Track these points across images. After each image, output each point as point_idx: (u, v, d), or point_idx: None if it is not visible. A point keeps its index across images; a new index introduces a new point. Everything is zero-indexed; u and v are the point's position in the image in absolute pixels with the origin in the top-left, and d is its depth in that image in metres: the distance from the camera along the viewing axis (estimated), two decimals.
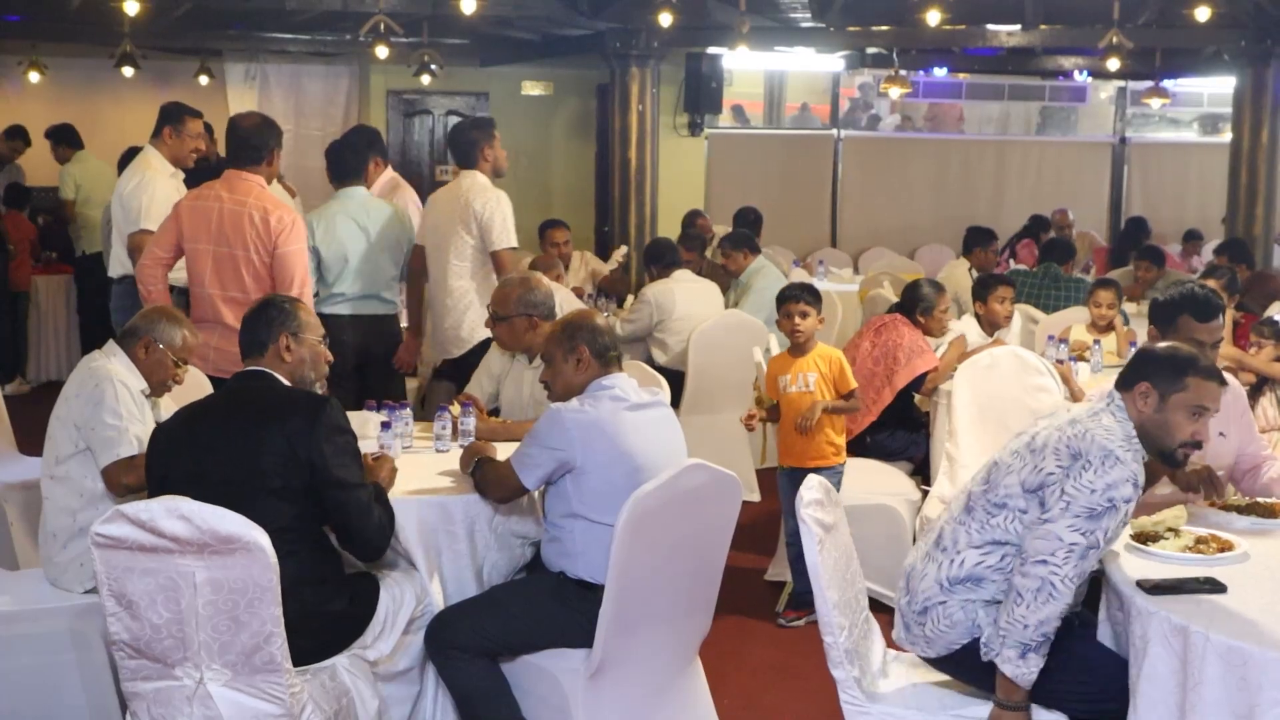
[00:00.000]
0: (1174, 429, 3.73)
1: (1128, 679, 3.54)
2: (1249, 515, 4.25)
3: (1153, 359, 3.82)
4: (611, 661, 4.15)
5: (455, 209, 6.71)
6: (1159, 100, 13.58)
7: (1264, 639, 3.24)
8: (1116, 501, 3.54)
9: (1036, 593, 3.54)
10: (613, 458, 4.22)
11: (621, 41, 11.68)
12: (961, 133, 17.59)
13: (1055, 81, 16.79)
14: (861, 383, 6.68)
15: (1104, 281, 8.05)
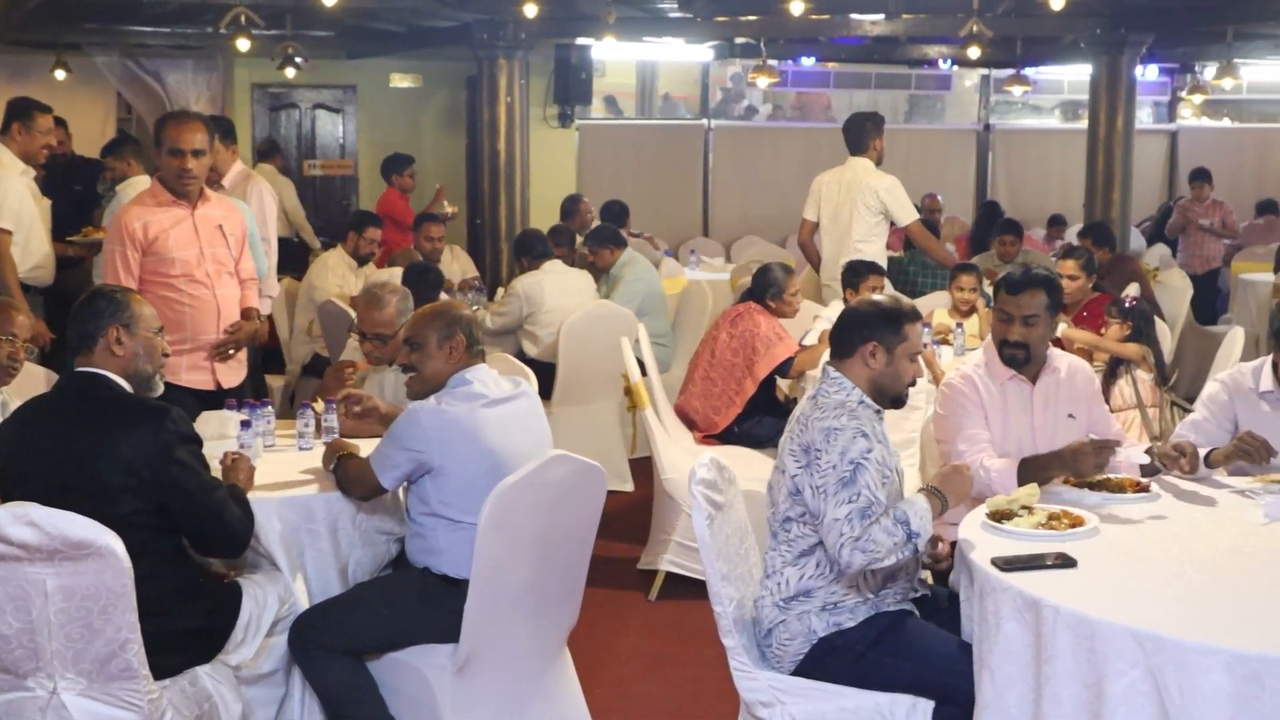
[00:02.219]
0: (902, 375, 3.98)
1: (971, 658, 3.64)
2: (1100, 491, 4.35)
3: (868, 319, 4.00)
4: (478, 656, 4.14)
5: (854, 191, 8.20)
6: (1020, 88, 13.85)
7: (1112, 611, 3.31)
8: (858, 460, 3.75)
9: (862, 559, 3.68)
10: (472, 456, 4.20)
11: (489, 33, 11.61)
12: (833, 121, 17.74)
13: (921, 70, 17.00)
14: (723, 374, 6.75)
15: (964, 266, 8.20)
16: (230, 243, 5.80)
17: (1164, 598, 3.45)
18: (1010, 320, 4.66)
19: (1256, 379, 4.81)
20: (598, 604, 6.01)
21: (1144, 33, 11.78)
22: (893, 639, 3.82)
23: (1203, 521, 4.16)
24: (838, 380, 3.96)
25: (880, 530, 3.70)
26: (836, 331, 4.08)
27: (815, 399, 3.94)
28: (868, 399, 3.94)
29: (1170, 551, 3.84)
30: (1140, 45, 11.88)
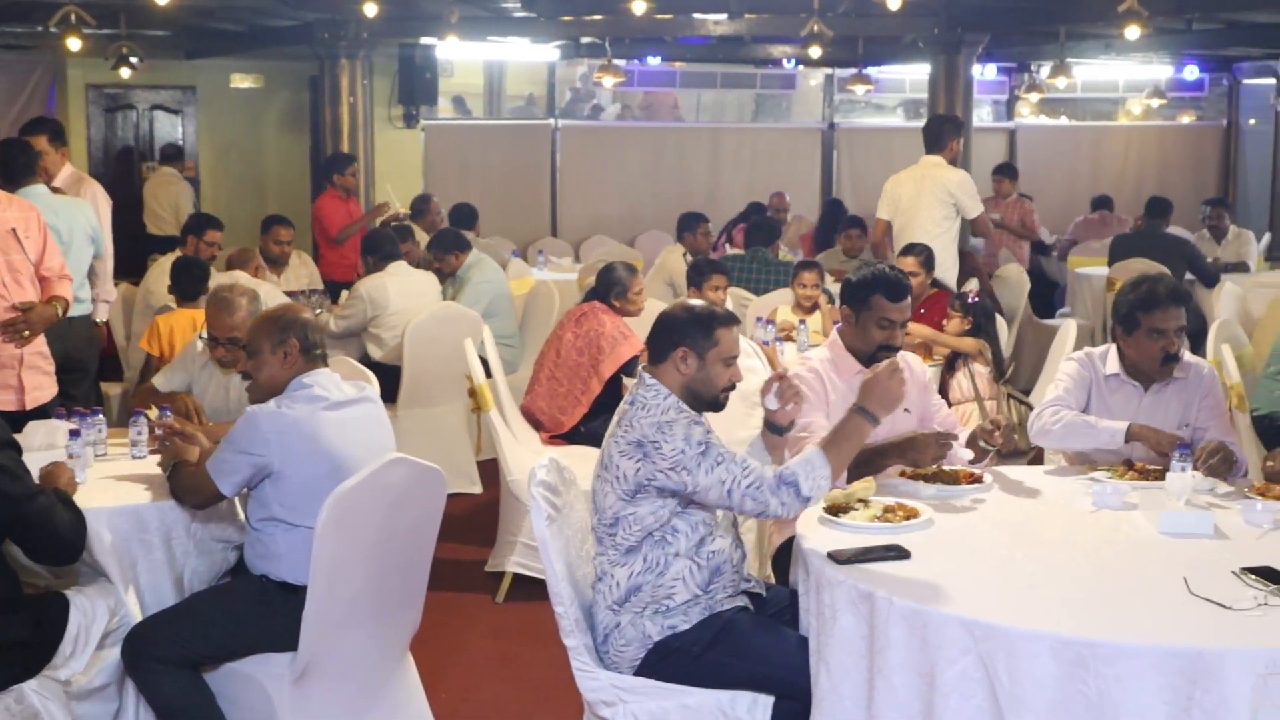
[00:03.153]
0: (715, 380, 3.98)
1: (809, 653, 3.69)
2: (935, 483, 4.44)
3: (679, 324, 4.00)
4: (317, 664, 4.08)
5: (925, 185, 8.64)
6: (863, 87, 14.06)
7: (943, 601, 3.38)
8: (702, 440, 3.80)
9: (763, 499, 3.76)
10: (312, 459, 4.14)
11: (330, 32, 11.49)
12: (679, 120, 17.85)
13: (766, 70, 17.18)
14: (568, 374, 6.74)
15: (806, 263, 8.30)
16: (27, 245, 5.63)
17: (994, 586, 3.53)
18: (893, 326, 4.72)
19: (1104, 362, 4.98)
20: (444, 607, 6.00)
21: (979, 32, 12.05)
22: (729, 638, 3.84)
23: (1033, 511, 4.26)
24: (653, 386, 3.95)
25: (767, 488, 3.76)
26: (652, 336, 4.08)
27: (634, 402, 3.93)
28: (683, 405, 3.92)
29: (1001, 540, 3.92)
30: (976, 45, 12.15)
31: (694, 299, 4.93)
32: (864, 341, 4.76)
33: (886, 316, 4.71)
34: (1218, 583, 3.50)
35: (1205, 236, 12.69)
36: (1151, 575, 3.62)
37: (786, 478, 3.76)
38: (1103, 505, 4.24)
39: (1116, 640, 3.16)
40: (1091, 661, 3.14)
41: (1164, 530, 3.97)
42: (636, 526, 3.86)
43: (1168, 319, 4.79)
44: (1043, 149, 17.97)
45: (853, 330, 4.80)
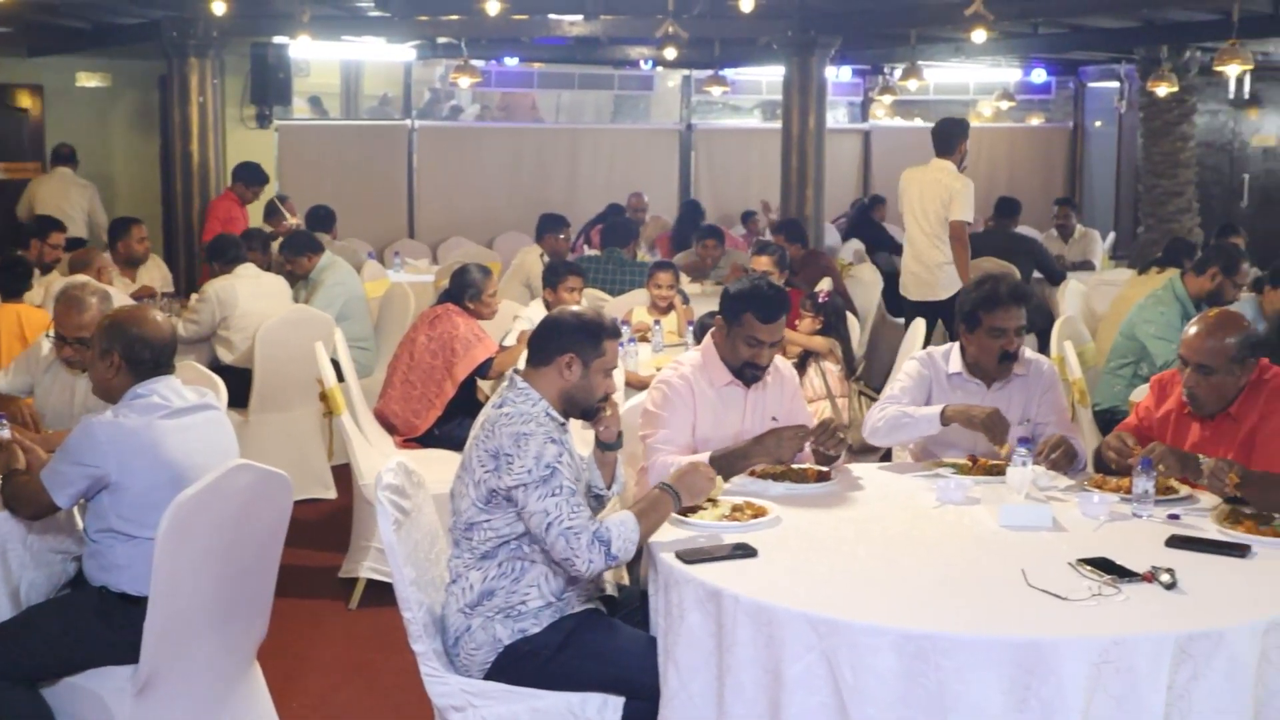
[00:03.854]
0: (595, 389, 4.00)
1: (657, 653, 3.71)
2: (783, 482, 4.49)
3: (569, 330, 4.00)
4: (160, 676, 3.99)
5: (934, 190, 8.98)
6: (719, 88, 14.15)
7: (788, 598, 3.41)
8: (553, 464, 3.76)
9: (576, 549, 3.70)
10: (150, 469, 4.04)
11: (179, 31, 11.26)
12: (540, 121, 17.82)
13: (624, 71, 17.22)
14: (422, 376, 6.69)
15: (661, 264, 8.34)
16: None
17: (838, 582, 3.58)
18: (760, 346, 4.73)
19: (946, 361, 5.06)
20: (296, 614, 5.92)
21: (832, 35, 12.19)
22: (579, 641, 3.84)
23: (879, 507, 4.32)
24: (525, 390, 3.93)
25: (585, 539, 3.71)
26: (535, 339, 4.06)
27: (500, 406, 3.92)
28: (553, 411, 3.92)
29: (846, 537, 3.98)
30: (829, 47, 12.29)
31: (571, 304, 4.94)
32: (732, 356, 4.78)
33: (755, 336, 4.72)
34: (1055, 574, 3.58)
35: (1053, 235, 13.00)
36: (991, 568, 3.70)
37: (602, 535, 3.73)
38: (946, 500, 4.31)
39: (955, 633, 3.22)
40: (931, 654, 3.19)
41: (1004, 524, 4.05)
42: (491, 533, 3.85)
43: (1008, 318, 4.88)
44: (896, 150, 18.21)
45: (725, 341, 4.81)
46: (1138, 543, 3.88)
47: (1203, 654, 3.23)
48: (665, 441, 4.59)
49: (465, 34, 12.40)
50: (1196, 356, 4.44)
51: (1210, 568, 3.69)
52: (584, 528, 3.72)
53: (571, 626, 3.88)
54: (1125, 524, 4.10)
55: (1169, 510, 4.19)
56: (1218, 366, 4.41)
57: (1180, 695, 3.22)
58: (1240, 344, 4.42)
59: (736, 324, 4.74)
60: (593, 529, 3.73)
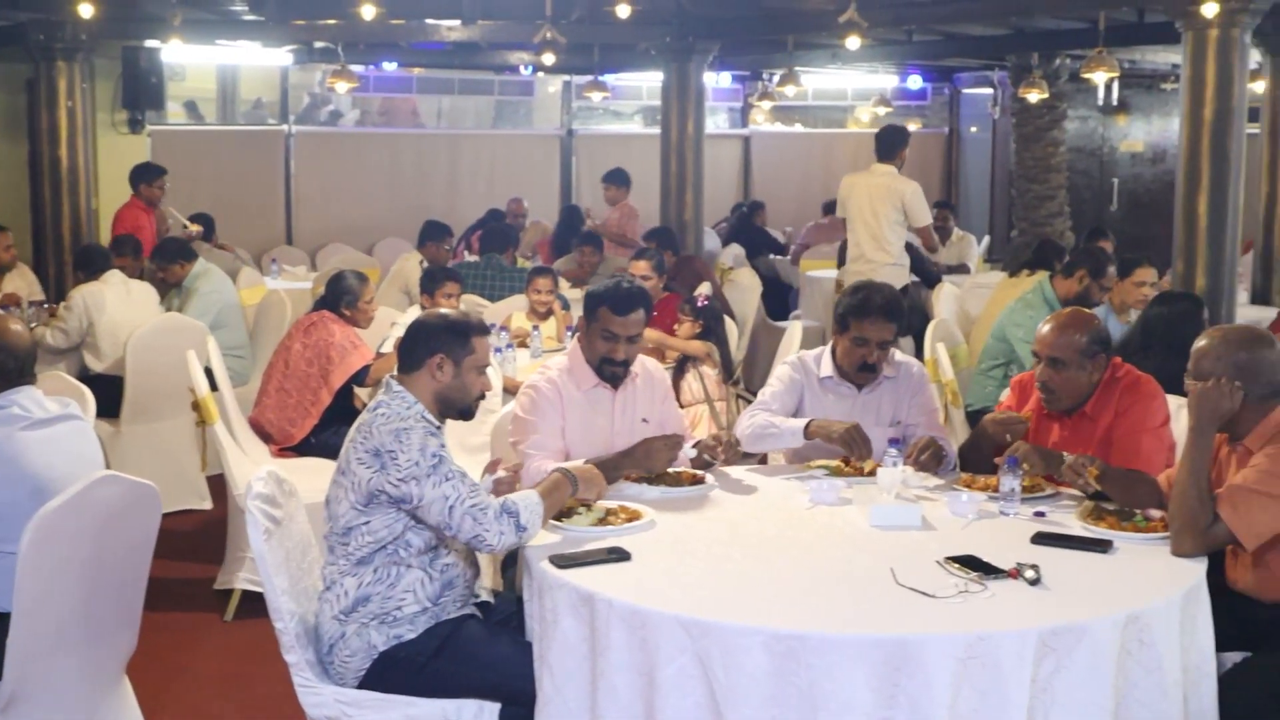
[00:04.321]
0: (469, 388, 4.03)
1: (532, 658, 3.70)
2: (659, 485, 4.51)
3: (435, 331, 4.04)
4: (24, 692, 3.89)
5: (881, 193, 9.42)
6: (600, 94, 14.12)
7: (661, 600, 3.44)
8: (437, 453, 3.79)
9: (485, 524, 3.76)
10: (11, 482, 3.94)
11: (45, 34, 11.01)
12: (421, 126, 17.70)
13: (504, 76, 17.17)
14: (298, 384, 6.62)
15: (540, 269, 8.34)
16: None
17: (711, 584, 3.61)
18: (615, 339, 4.74)
19: (818, 364, 5.12)
20: (170, 627, 5.84)
21: (710, 41, 12.25)
22: (454, 646, 3.83)
23: (753, 509, 4.37)
24: (400, 394, 3.94)
25: (490, 513, 3.75)
26: (405, 344, 4.07)
27: (376, 410, 3.91)
28: (429, 414, 3.92)
29: (720, 539, 4.01)
30: (707, 53, 12.35)
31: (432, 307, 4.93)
32: (591, 353, 4.80)
33: (609, 329, 4.75)
34: (923, 572, 3.65)
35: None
36: (862, 567, 3.75)
37: (509, 508, 3.79)
38: (819, 501, 4.37)
39: (825, 632, 3.27)
40: (802, 653, 3.23)
41: (875, 523, 4.11)
42: (369, 538, 3.83)
43: (874, 330, 4.96)
44: (776, 155, 18.43)
45: (585, 341, 4.83)
46: (1004, 540, 3.97)
47: (1065, 647, 3.30)
48: (537, 447, 4.59)
49: (342, 38, 12.27)
50: (1048, 350, 4.60)
51: (1073, 563, 3.78)
52: (487, 504, 3.77)
53: (447, 632, 3.87)
54: (992, 522, 4.18)
55: (1035, 508, 4.29)
56: (1068, 361, 4.57)
57: (1044, 688, 3.29)
58: (1090, 340, 4.58)
59: (594, 320, 4.78)
60: (498, 503, 3.78)
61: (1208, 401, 3.94)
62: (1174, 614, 3.54)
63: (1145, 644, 3.44)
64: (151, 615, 4.32)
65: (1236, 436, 4.06)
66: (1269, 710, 3.74)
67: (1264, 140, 10.64)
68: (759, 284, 10.55)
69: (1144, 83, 16.60)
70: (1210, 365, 4.01)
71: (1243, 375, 3.96)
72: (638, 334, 4.84)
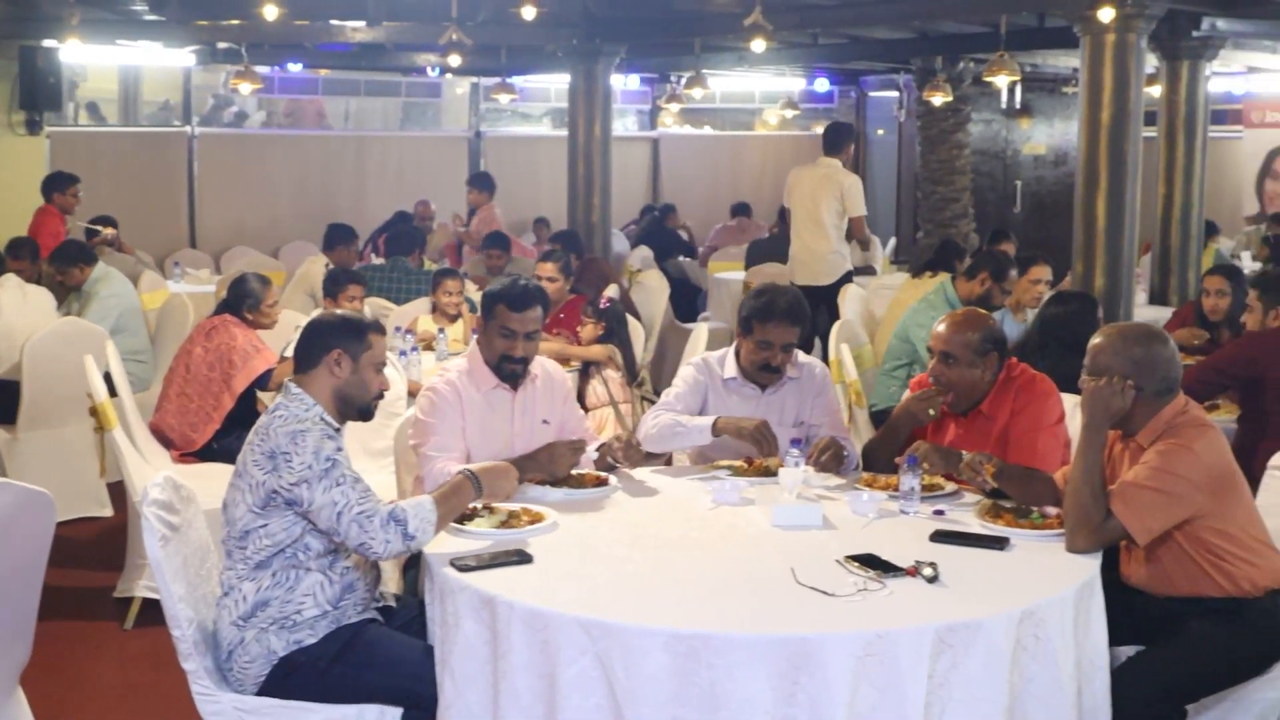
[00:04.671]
0: (368, 385, 4.00)
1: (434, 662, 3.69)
2: (562, 487, 4.51)
3: (332, 328, 4.01)
4: None
5: (825, 185, 10.06)
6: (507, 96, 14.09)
7: (563, 603, 3.44)
8: (331, 456, 3.77)
9: (371, 531, 3.72)
10: None
11: None
12: (328, 128, 17.57)
13: (411, 78, 17.09)
14: (199, 389, 6.54)
15: (446, 271, 8.30)
16: None
17: (612, 585, 3.62)
18: (513, 336, 4.73)
19: (721, 366, 5.15)
20: (69, 636, 5.75)
21: (617, 43, 12.27)
22: (355, 651, 3.81)
23: (656, 510, 4.38)
24: (299, 396, 3.90)
25: (377, 521, 3.72)
26: (301, 344, 4.03)
27: (275, 412, 3.88)
28: (329, 416, 3.89)
29: (622, 540, 4.02)
30: (614, 56, 12.37)
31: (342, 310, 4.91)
32: (490, 351, 4.78)
33: (507, 326, 4.74)
34: (823, 572, 3.68)
35: None
36: (763, 567, 3.77)
37: (397, 515, 3.75)
38: (722, 502, 4.39)
39: (726, 632, 3.28)
40: (703, 653, 3.25)
41: (776, 523, 4.14)
42: (267, 541, 3.79)
43: (778, 334, 5.00)
44: (685, 157, 18.50)
45: (484, 340, 4.82)
46: (904, 538, 4.01)
47: (961, 644, 3.34)
48: (438, 449, 4.57)
49: (245, 39, 12.13)
50: (941, 346, 4.70)
51: (971, 560, 3.83)
52: (375, 511, 3.73)
53: (348, 636, 3.84)
54: (893, 520, 4.23)
55: (934, 506, 4.34)
56: (960, 357, 4.66)
57: (940, 684, 3.33)
58: (983, 339, 4.69)
59: (491, 318, 4.77)
60: (386, 510, 3.75)
61: (1099, 400, 4.01)
62: (1068, 609, 3.59)
63: (1040, 639, 3.50)
64: (49, 624, 4.26)
65: (1130, 432, 4.13)
66: (1160, 702, 3.81)
67: (1161, 143, 10.82)
68: (666, 286, 10.58)
69: (1046, 86, 16.86)
70: (1107, 360, 4.08)
71: (1138, 370, 4.03)
72: (535, 331, 4.82)
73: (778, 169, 18.61)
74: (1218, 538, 3.98)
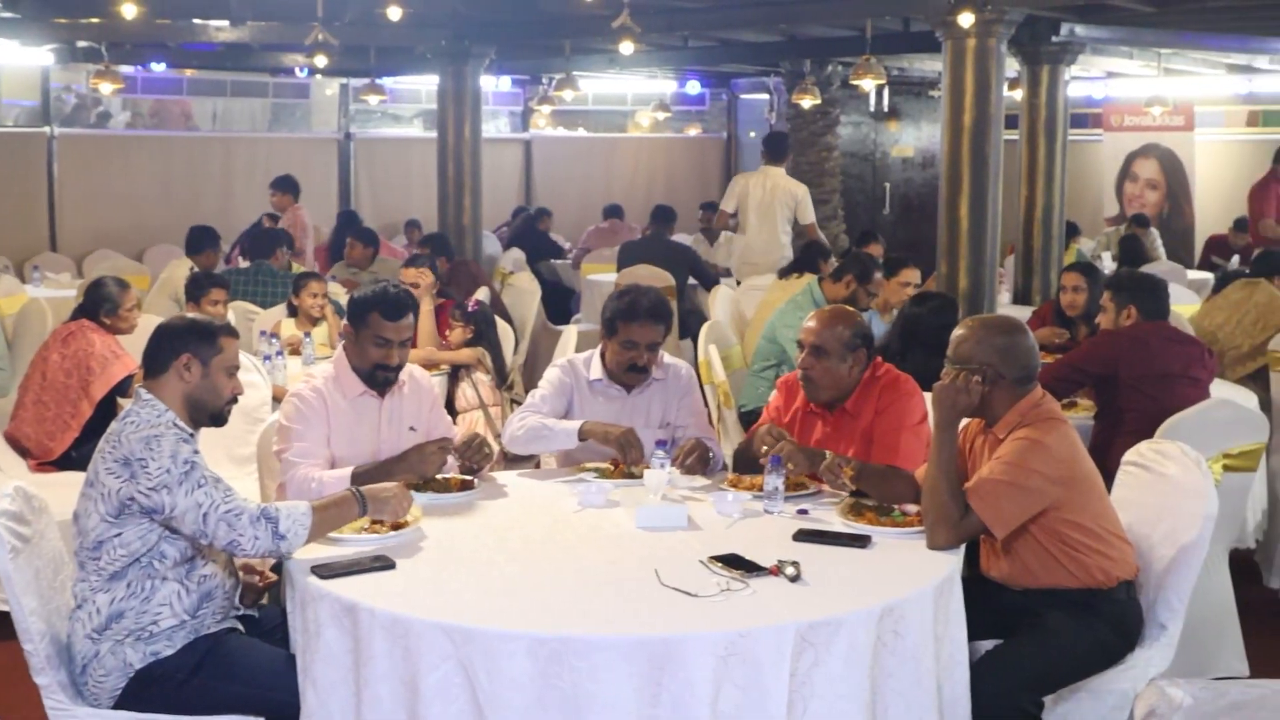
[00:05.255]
0: (220, 390, 3.94)
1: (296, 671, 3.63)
2: (426, 491, 4.48)
3: (181, 332, 3.95)
4: None
5: (777, 193, 11.04)
6: (377, 97, 13.95)
7: (424, 609, 3.41)
8: (189, 459, 3.71)
9: (240, 528, 3.67)
10: None
11: None
12: (194, 129, 17.26)
13: (279, 78, 16.85)
14: (56, 397, 6.40)
15: (309, 274, 8.19)
16: None
17: (475, 590, 3.60)
18: (389, 345, 4.68)
19: (587, 368, 5.14)
20: None
21: (486, 44, 12.20)
22: (214, 662, 3.74)
23: (521, 513, 4.37)
24: (150, 402, 3.83)
25: (246, 518, 3.66)
26: (150, 349, 3.95)
27: (126, 419, 3.80)
28: (181, 422, 3.83)
29: (486, 544, 4.00)
30: (483, 57, 12.29)
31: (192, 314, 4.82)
32: (361, 359, 4.73)
33: (382, 335, 4.69)
34: (686, 572, 3.69)
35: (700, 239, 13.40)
36: (627, 569, 3.77)
37: (269, 513, 3.70)
38: (587, 504, 4.39)
39: (588, 635, 3.28)
40: (566, 657, 3.24)
41: (641, 525, 4.15)
42: (122, 550, 3.71)
43: (642, 334, 5.01)
44: (558, 159, 18.48)
45: (354, 348, 4.75)
46: (767, 538, 4.04)
47: (822, 641, 3.37)
48: (301, 455, 4.51)
49: (105, 38, 11.86)
50: (811, 339, 4.77)
51: (833, 559, 3.87)
52: (243, 508, 3.68)
53: (207, 647, 3.78)
54: (757, 520, 4.26)
55: (798, 505, 4.37)
56: (830, 350, 4.73)
57: (803, 682, 3.36)
58: (853, 334, 4.77)
59: (364, 326, 4.71)
60: (256, 508, 3.70)
61: (946, 398, 4.09)
62: (927, 605, 3.64)
63: (900, 635, 3.54)
64: None
65: (990, 422, 4.21)
66: (1018, 694, 3.88)
67: (1023, 146, 11.02)
68: (538, 288, 10.55)
69: (913, 90, 17.10)
70: (969, 350, 4.16)
71: (1000, 359, 4.11)
72: (410, 338, 4.81)
73: (650, 171, 18.71)
74: (1072, 530, 4.06)
